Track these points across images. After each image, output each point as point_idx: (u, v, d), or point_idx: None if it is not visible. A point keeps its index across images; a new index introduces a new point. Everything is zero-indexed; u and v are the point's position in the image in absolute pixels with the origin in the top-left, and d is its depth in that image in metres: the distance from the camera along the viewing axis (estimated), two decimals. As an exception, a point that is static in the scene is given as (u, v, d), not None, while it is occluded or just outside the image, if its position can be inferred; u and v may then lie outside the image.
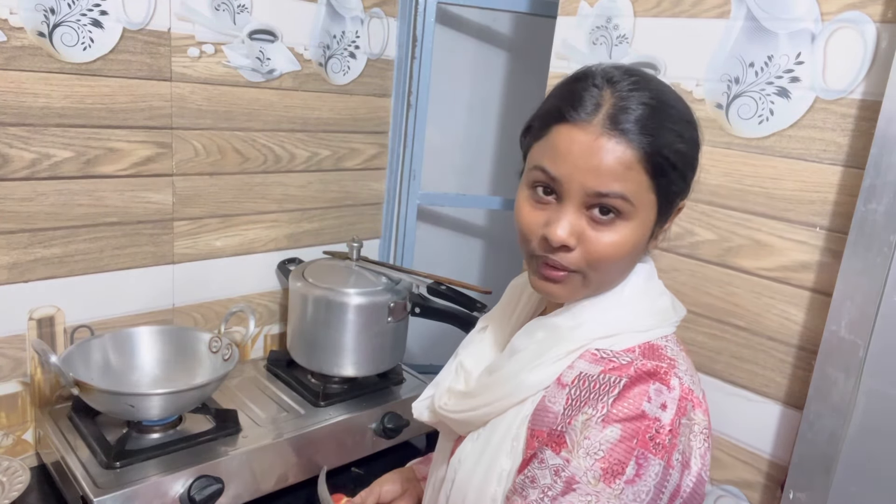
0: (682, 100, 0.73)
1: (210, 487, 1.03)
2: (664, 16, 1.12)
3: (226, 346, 1.17)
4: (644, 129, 0.67)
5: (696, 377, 0.74)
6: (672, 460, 0.66)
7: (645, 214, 0.70)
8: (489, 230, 1.91)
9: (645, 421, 0.66)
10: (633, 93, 0.68)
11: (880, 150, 0.87)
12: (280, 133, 1.37)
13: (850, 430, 0.92)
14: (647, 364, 0.70)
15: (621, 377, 0.69)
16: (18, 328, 1.12)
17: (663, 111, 0.68)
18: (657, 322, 0.75)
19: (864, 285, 0.89)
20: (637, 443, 0.65)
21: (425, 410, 0.87)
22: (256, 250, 1.40)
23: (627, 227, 0.69)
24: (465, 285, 1.27)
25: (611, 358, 0.71)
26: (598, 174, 0.67)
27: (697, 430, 0.70)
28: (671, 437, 0.66)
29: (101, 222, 1.17)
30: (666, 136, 0.68)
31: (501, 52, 1.78)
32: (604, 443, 0.66)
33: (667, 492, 0.66)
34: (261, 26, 1.29)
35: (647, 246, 0.74)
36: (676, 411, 0.67)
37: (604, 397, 0.68)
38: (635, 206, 0.68)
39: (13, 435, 1.16)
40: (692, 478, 0.69)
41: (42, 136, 1.08)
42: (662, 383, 0.68)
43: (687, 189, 0.73)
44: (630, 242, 0.70)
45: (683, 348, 0.77)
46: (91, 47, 1.09)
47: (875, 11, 0.91)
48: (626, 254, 0.70)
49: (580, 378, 0.71)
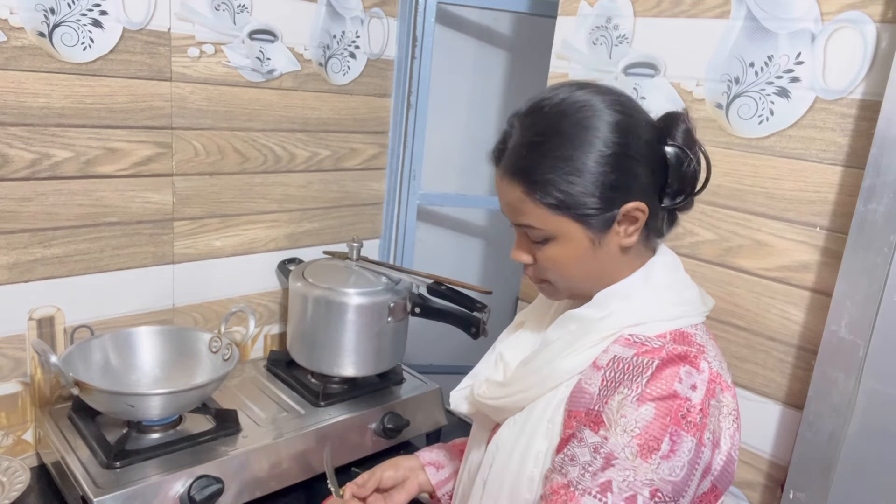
0: (575, 119, 0.74)
1: (210, 487, 1.03)
2: (664, 16, 1.12)
3: (226, 346, 1.17)
4: (516, 165, 0.75)
5: (724, 364, 0.77)
6: (703, 438, 0.70)
7: (566, 231, 0.75)
8: (489, 230, 1.91)
9: (677, 400, 0.69)
10: (516, 129, 0.77)
11: (880, 150, 0.87)
12: (280, 133, 1.37)
13: (850, 430, 0.92)
14: (678, 348, 0.73)
15: (654, 359, 0.72)
16: (18, 328, 1.12)
17: (541, 147, 0.74)
18: (685, 311, 0.79)
19: (864, 285, 0.89)
20: (670, 420, 0.69)
21: (463, 401, 0.90)
22: (256, 250, 1.40)
23: (557, 246, 0.76)
24: (465, 285, 1.27)
25: (643, 342, 0.75)
26: (509, 210, 0.78)
27: (726, 412, 0.74)
28: (702, 416, 0.70)
29: (100, 222, 1.17)
30: (537, 164, 0.74)
31: (501, 51, 1.79)
32: (639, 420, 0.69)
33: (699, 468, 0.70)
34: (261, 26, 1.29)
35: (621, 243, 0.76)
36: (706, 393, 0.71)
37: (638, 378, 0.71)
38: (548, 230, 0.76)
39: (13, 435, 1.15)
40: (722, 456, 0.73)
41: (42, 136, 1.08)
42: (692, 366, 0.72)
43: (611, 202, 0.74)
44: (568, 256, 0.77)
45: (713, 337, 0.80)
46: (91, 47, 1.09)
47: (875, 11, 0.91)
48: (572, 265, 0.77)
49: (614, 360, 0.75)
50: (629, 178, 0.75)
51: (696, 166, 0.77)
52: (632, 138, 0.74)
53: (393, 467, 1.00)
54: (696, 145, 0.78)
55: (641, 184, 0.75)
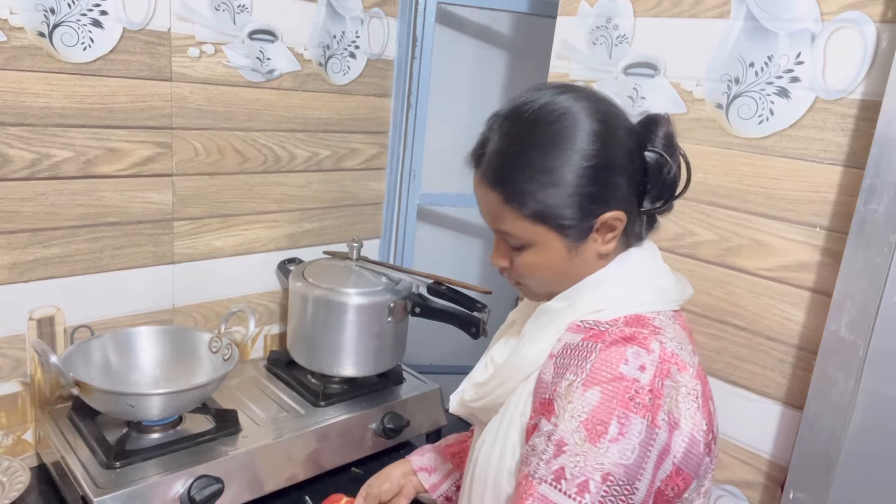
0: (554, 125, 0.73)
1: (210, 487, 1.03)
2: (664, 16, 1.12)
3: (226, 346, 1.17)
4: (494, 172, 0.76)
5: (686, 347, 0.76)
6: (657, 420, 0.69)
7: (542, 239, 0.76)
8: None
9: (623, 382, 0.69)
10: (493, 135, 0.76)
11: (880, 150, 0.87)
12: (280, 133, 1.37)
13: (850, 430, 0.92)
14: (627, 330, 0.73)
15: (598, 342, 0.72)
16: (18, 328, 1.12)
17: (520, 156, 0.74)
18: (652, 299, 0.78)
19: (864, 285, 0.89)
20: (617, 403, 0.69)
21: (458, 405, 0.91)
22: (256, 250, 1.40)
23: (534, 252, 0.77)
24: (465, 285, 1.27)
25: (592, 326, 0.76)
26: (488, 216, 0.80)
27: (685, 392, 0.72)
28: (652, 397, 0.69)
29: (100, 222, 1.17)
30: (514, 172, 0.74)
31: (501, 52, 1.79)
32: (586, 405, 0.69)
33: (654, 450, 0.69)
34: (261, 26, 1.29)
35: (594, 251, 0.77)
36: (656, 373, 0.70)
37: (583, 362, 0.72)
38: (524, 237, 0.76)
39: (13, 435, 1.15)
40: (684, 437, 0.71)
41: (42, 136, 1.08)
42: (641, 347, 0.71)
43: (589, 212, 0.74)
44: (543, 262, 0.77)
45: (685, 326, 0.80)
46: (91, 47, 1.09)
47: (875, 11, 0.91)
48: (547, 270, 0.78)
49: (564, 348, 0.76)
50: (608, 189, 0.74)
51: (677, 171, 0.77)
52: (611, 149, 0.74)
53: (387, 480, 1.03)
54: (676, 150, 0.78)
55: (620, 193, 0.75)
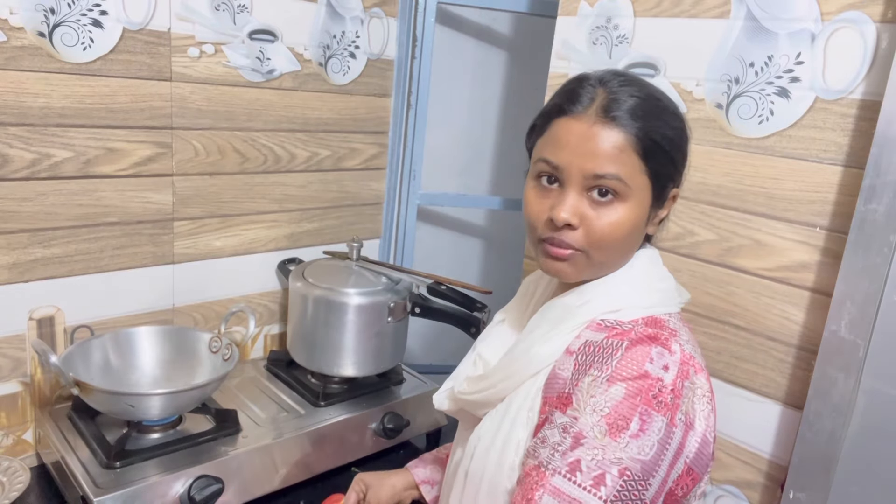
0: (668, 97, 0.80)
1: (210, 487, 1.03)
2: (664, 16, 1.12)
3: (226, 346, 1.17)
4: (633, 116, 0.74)
5: (697, 350, 0.78)
6: (675, 419, 0.70)
7: (640, 196, 0.76)
8: (489, 230, 1.91)
9: (648, 380, 0.70)
10: (622, 87, 0.76)
11: (880, 150, 0.87)
12: (280, 133, 1.37)
13: (850, 430, 0.92)
14: (649, 330, 0.75)
15: (623, 340, 0.73)
16: (18, 328, 1.12)
17: (650, 102, 0.76)
18: (660, 300, 0.80)
19: (864, 285, 0.89)
20: (641, 400, 0.69)
21: (445, 400, 0.91)
22: (256, 250, 1.40)
23: (624, 208, 0.75)
24: (465, 285, 1.27)
25: (614, 325, 0.77)
26: (595, 158, 0.73)
27: (700, 394, 0.74)
28: (673, 396, 0.70)
29: (100, 222, 1.17)
30: (653, 122, 0.75)
31: (501, 52, 1.78)
32: (609, 400, 0.70)
33: (671, 449, 0.70)
34: (261, 26, 1.29)
35: (646, 229, 0.80)
36: (678, 373, 0.71)
37: (608, 359, 0.72)
38: (630, 187, 0.74)
39: (13, 435, 1.15)
40: (697, 438, 0.73)
41: (42, 136, 1.08)
42: (664, 347, 0.73)
43: (678, 175, 0.81)
44: (628, 222, 0.75)
45: (689, 328, 0.81)
46: (91, 47, 1.09)
47: (875, 11, 0.91)
48: (626, 233, 0.76)
49: (586, 345, 0.76)
50: (684, 164, 0.80)
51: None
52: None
53: (389, 488, 1.02)
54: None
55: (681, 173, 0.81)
